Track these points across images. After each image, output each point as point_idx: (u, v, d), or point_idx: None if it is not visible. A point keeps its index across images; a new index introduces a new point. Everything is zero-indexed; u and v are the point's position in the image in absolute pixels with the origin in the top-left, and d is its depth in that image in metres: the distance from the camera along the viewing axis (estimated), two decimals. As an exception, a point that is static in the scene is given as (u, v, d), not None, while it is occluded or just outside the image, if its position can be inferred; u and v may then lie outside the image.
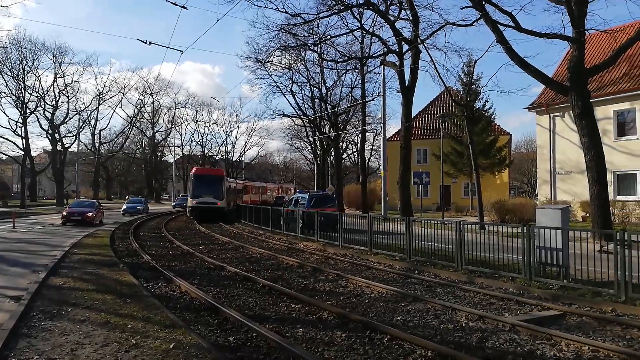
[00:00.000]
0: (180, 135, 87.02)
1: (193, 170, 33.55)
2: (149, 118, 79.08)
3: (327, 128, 48.06)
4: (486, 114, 38.20)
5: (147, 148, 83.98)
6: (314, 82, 45.35)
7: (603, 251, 9.30)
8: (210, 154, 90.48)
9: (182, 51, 21.35)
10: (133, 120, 72.50)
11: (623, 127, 24.75)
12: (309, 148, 63.81)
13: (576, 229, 10.97)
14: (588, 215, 20.65)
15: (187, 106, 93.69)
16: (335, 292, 9.42)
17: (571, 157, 25.19)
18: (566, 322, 7.18)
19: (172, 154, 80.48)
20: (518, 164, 65.74)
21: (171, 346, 5.60)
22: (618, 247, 8.22)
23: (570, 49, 16.59)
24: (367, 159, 72.04)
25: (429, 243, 12.84)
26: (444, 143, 33.42)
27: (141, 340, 5.87)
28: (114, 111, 77.49)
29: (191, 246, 16.81)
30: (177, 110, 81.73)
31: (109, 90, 64.39)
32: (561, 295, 8.64)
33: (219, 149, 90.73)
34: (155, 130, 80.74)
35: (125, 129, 73.47)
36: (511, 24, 16.83)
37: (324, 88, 44.72)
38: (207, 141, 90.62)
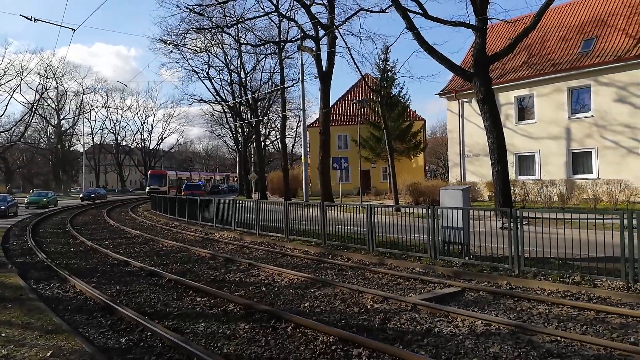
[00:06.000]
0: (90, 122, 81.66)
1: (150, 172, 60.77)
2: (53, 105, 72.87)
3: (248, 114, 47.16)
4: (402, 100, 39.40)
5: (52, 137, 77.59)
6: (233, 67, 44.21)
7: (505, 228, 9.83)
8: (124, 142, 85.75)
9: (74, 29, 19.43)
10: (34, 107, 66.33)
11: (523, 112, 26.64)
12: (231, 135, 62.35)
13: (475, 208, 11.57)
14: (493, 194, 22.00)
15: (97, 91, 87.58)
16: (245, 282, 9.16)
17: (478, 141, 26.68)
18: (465, 298, 7.49)
19: (82, 143, 75.12)
20: (433, 147, 69.07)
21: (48, 354, 5.05)
22: (512, 223, 8.72)
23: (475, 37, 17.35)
24: (291, 145, 72.22)
25: (345, 227, 12.95)
26: (363, 129, 34.04)
27: (14, 350, 5.24)
28: (12, 97, 70.44)
29: (96, 241, 15.68)
30: (85, 95, 76.26)
31: (4, 74, 58.13)
32: (462, 272, 9.04)
33: (134, 137, 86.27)
34: (61, 118, 74.67)
35: (26, 117, 67.01)
36: (419, 11, 17.26)
37: (242, 73, 43.71)
38: (121, 129, 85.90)
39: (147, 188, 54.37)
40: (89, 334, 6.19)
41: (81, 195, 50.45)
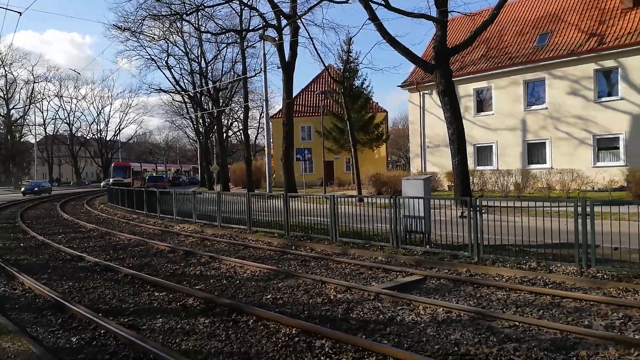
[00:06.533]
0: (42, 112, 78.23)
1: (113, 164, 63.02)
2: (1, 93, 69.15)
3: (209, 105, 46.17)
4: (365, 92, 39.55)
5: (1, 127, 73.73)
6: (193, 56, 43.16)
7: (464, 216, 10.00)
8: (79, 133, 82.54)
9: (20, 13, 18.35)
10: (-20, 96, 62.77)
11: (482, 104, 27.28)
12: (192, 125, 61.05)
13: (436, 197, 11.73)
14: (453, 184, 22.47)
15: (49, 80, 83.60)
16: (205, 276, 8.93)
17: (439, 132, 27.13)
18: (426, 286, 7.56)
19: (34, 133, 71.73)
20: (395, 139, 69.94)
21: (-10, 357, 4.73)
22: (471, 212, 8.87)
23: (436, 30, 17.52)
24: (254, 136, 71.48)
25: (309, 218, 12.88)
26: (327, 120, 34.02)
27: (-49, 354, 4.88)
28: (-44, 85, 66.22)
29: (48, 236, 14.97)
30: (36, 84, 72.80)
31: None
32: (424, 260, 9.14)
33: (90, 128, 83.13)
34: (10, 107, 71.01)
35: (-29, 106, 63.36)
36: (381, 2, 17.25)
37: (203, 62, 42.74)
38: (76, 119, 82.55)
39: (111, 180, 54.14)
40: (38, 333, 5.86)
41: (22, 189, 45.61)
